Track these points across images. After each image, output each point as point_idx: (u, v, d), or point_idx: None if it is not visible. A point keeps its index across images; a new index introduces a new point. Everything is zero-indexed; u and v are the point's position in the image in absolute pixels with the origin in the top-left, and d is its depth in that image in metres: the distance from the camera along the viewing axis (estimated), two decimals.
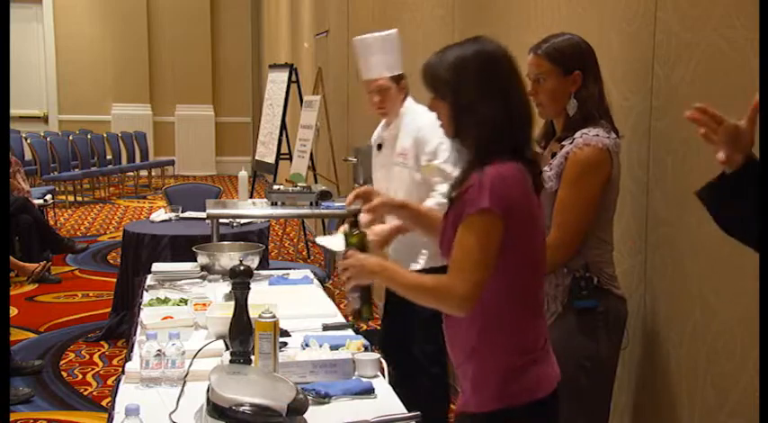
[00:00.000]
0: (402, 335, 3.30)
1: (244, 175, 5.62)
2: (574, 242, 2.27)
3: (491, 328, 1.92)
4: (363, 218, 2.15)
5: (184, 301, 2.93)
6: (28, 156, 11.33)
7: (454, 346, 2.00)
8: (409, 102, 3.31)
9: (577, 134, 2.28)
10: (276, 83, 8.46)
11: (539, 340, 1.96)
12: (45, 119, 14.94)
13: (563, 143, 2.31)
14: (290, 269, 3.89)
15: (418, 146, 3.16)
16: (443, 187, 2.92)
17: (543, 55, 2.33)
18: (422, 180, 3.16)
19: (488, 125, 1.87)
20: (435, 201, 3.00)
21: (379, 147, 3.39)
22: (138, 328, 2.74)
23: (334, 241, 3.04)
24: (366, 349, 2.47)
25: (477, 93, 1.88)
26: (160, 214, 5.57)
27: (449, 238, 1.90)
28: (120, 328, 5.22)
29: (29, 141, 11.36)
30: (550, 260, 2.15)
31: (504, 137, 1.87)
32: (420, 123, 3.15)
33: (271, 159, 8.02)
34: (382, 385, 2.29)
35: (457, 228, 1.86)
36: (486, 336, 1.92)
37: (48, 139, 11.81)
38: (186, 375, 2.24)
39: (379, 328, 5.54)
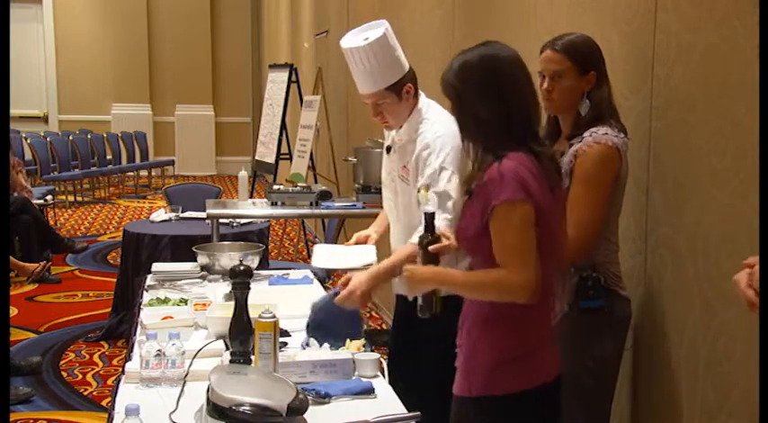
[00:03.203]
0: (411, 359, 2.86)
1: (244, 175, 5.62)
2: (589, 239, 2.26)
3: (493, 319, 1.99)
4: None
5: (184, 301, 2.93)
6: (28, 156, 11.32)
7: (463, 326, 2.09)
8: (423, 103, 2.77)
9: (586, 133, 2.28)
10: (276, 83, 8.46)
11: (538, 333, 2.02)
12: (45, 119, 14.94)
13: (572, 141, 2.31)
14: (290, 269, 3.89)
15: (419, 165, 2.69)
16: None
17: (562, 51, 2.32)
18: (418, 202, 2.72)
19: (488, 126, 1.96)
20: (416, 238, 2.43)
21: (389, 149, 2.90)
22: (138, 328, 2.74)
23: (324, 256, 3.01)
24: (366, 349, 2.47)
25: (476, 95, 1.98)
26: (160, 214, 5.58)
27: (465, 227, 2.01)
28: (120, 328, 5.22)
29: (29, 141, 11.35)
30: (564, 257, 2.18)
31: (505, 136, 1.96)
32: (428, 139, 2.67)
33: (271, 159, 8.02)
34: (382, 385, 2.29)
35: (479, 218, 1.94)
36: (487, 325, 2.00)
37: (48, 139, 11.81)
38: (186, 375, 2.24)
39: (379, 327, 5.56)
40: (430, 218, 2.24)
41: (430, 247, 2.17)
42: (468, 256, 2.11)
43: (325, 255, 3.02)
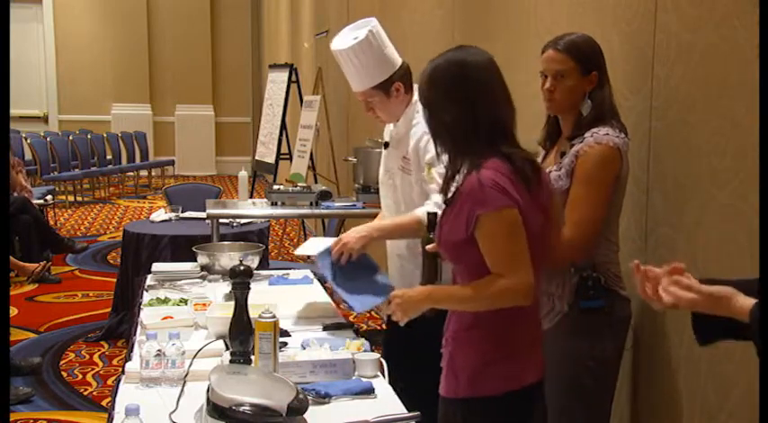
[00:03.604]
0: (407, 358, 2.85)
1: (244, 175, 5.62)
2: (590, 239, 2.26)
3: (476, 325, 2.00)
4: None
5: (184, 301, 2.93)
6: (28, 156, 11.32)
7: (447, 331, 2.09)
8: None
9: (588, 133, 2.28)
10: (276, 83, 8.46)
11: (522, 336, 2.02)
12: (45, 119, 14.94)
13: (573, 142, 2.31)
14: (290, 269, 3.89)
15: (419, 153, 2.76)
16: (438, 197, 2.50)
17: (564, 50, 2.32)
18: (421, 190, 2.79)
19: (456, 130, 1.98)
20: (425, 209, 2.60)
21: (386, 145, 2.96)
22: (138, 328, 2.74)
23: (312, 247, 3.03)
24: (366, 349, 2.47)
25: (444, 100, 1.99)
26: (160, 214, 5.58)
27: (446, 234, 2.00)
28: (120, 328, 5.22)
29: (29, 141, 11.36)
30: (564, 257, 2.18)
31: (474, 140, 1.97)
32: (424, 128, 2.58)
33: (271, 159, 8.02)
34: (382, 385, 2.29)
35: (463, 228, 1.93)
36: (471, 330, 2.01)
37: (48, 139, 11.81)
38: (186, 375, 2.24)
39: (379, 327, 5.56)
40: (431, 217, 2.25)
41: (428, 247, 2.17)
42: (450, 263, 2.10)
43: (313, 245, 3.02)
